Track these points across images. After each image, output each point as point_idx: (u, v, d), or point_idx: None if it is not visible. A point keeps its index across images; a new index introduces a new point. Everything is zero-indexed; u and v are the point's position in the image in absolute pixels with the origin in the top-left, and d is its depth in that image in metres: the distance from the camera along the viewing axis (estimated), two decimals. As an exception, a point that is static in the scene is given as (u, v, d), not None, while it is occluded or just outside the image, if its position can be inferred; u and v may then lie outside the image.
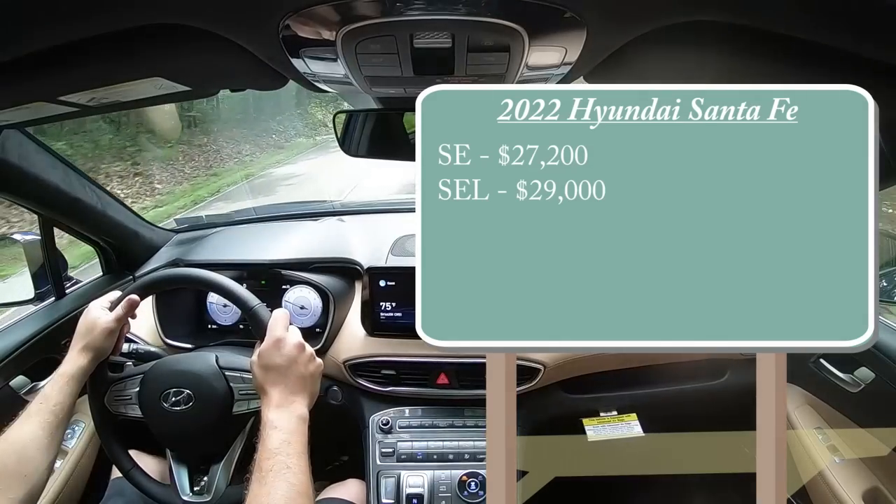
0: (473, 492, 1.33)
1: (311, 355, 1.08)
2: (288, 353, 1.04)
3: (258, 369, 1.04)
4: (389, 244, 1.69)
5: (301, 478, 0.91)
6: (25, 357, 1.41)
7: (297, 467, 0.91)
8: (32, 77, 0.66)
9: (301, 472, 0.91)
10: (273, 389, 1.01)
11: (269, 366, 1.03)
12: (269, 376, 1.02)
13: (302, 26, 0.59)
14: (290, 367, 1.03)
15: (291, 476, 0.89)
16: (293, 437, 0.95)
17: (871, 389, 1.29)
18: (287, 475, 0.89)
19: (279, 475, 0.89)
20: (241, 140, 13.06)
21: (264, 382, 1.02)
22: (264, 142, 13.91)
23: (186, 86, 0.82)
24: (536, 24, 0.60)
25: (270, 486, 0.87)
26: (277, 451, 0.92)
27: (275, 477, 0.88)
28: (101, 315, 1.16)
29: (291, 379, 1.02)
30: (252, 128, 13.79)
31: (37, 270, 1.54)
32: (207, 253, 1.73)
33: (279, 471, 0.89)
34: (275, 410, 0.98)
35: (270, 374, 1.02)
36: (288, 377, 1.02)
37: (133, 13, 0.54)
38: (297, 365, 1.04)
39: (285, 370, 1.02)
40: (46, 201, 1.41)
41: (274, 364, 1.03)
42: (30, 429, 1.00)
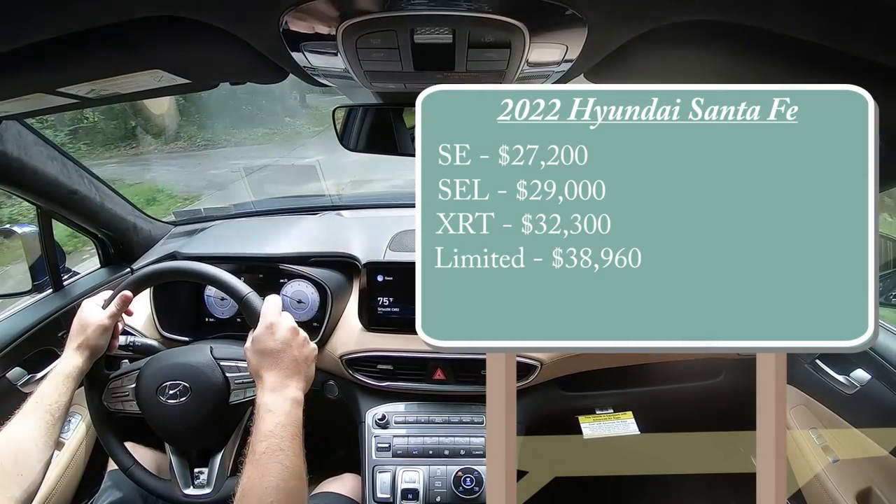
0: (468, 487, 1.33)
1: (304, 339, 1.09)
2: (281, 337, 1.04)
3: (252, 355, 1.04)
4: (387, 239, 1.69)
5: (295, 460, 0.91)
6: (23, 348, 1.41)
7: (291, 450, 0.92)
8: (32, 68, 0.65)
9: (295, 454, 0.92)
10: (267, 374, 1.01)
11: (263, 350, 1.03)
12: (263, 361, 1.02)
13: (303, 20, 0.59)
14: (283, 351, 1.03)
15: (285, 458, 0.90)
16: (287, 419, 0.95)
17: (867, 391, 1.29)
18: (280, 457, 0.90)
19: (273, 457, 0.89)
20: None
21: (259, 367, 1.02)
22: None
23: (186, 78, 0.81)
24: (538, 21, 0.60)
25: (264, 469, 0.88)
26: (271, 433, 0.92)
27: (268, 459, 0.89)
28: (95, 313, 1.16)
29: (285, 363, 1.03)
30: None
31: (34, 262, 1.54)
32: (205, 246, 1.73)
33: (273, 453, 0.90)
34: (269, 394, 0.98)
35: (265, 358, 1.03)
36: (282, 361, 1.02)
37: (134, 5, 0.54)
38: (290, 349, 1.04)
39: (279, 354, 1.03)
40: (45, 193, 1.41)
41: (268, 348, 1.03)
42: (26, 428, 1.00)
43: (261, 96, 12.77)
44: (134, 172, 8.95)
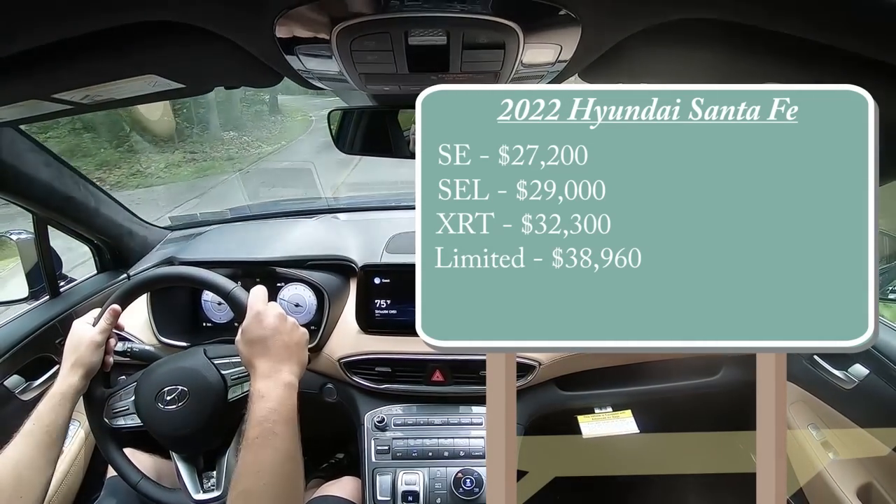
0: (469, 489, 1.33)
1: (293, 324, 1.09)
2: (269, 324, 1.05)
3: (243, 346, 1.05)
4: (384, 241, 1.69)
5: (289, 444, 0.92)
6: (20, 356, 1.40)
7: (285, 434, 0.92)
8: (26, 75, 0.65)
9: (289, 438, 0.92)
10: (259, 361, 1.02)
11: (253, 340, 1.04)
12: (253, 350, 1.03)
13: (296, 23, 0.59)
14: (273, 338, 1.04)
15: (278, 442, 0.90)
16: (279, 404, 0.95)
17: (865, 386, 1.29)
18: (274, 441, 0.90)
19: (266, 442, 0.90)
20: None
21: (250, 357, 1.03)
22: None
23: (180, 83, 0.81)
24: (531, 22, 0.60)
25: (257, 453, 0.88)
26: (264, 419, 0.93)
27: (262, 444, 0.89)
28: (86, 330, 1.17)
29: (276, 349, 1.03)
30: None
31: (31, 269, 1.53)
32: (202, 251, 1.72)
33: (266, 437, 0.90)
34: (262, 381, 0.99)
35: (255, 347, 1.03)
36: (272, 348, 1.03)
37: (127, 10, 0.54)
38: (280, 334, 1.05)
39: (269, 341, 1.03)
40: (40, 200, 1.41)
41: (257, 337, 1.04)
42: (25, 450, 1.01)
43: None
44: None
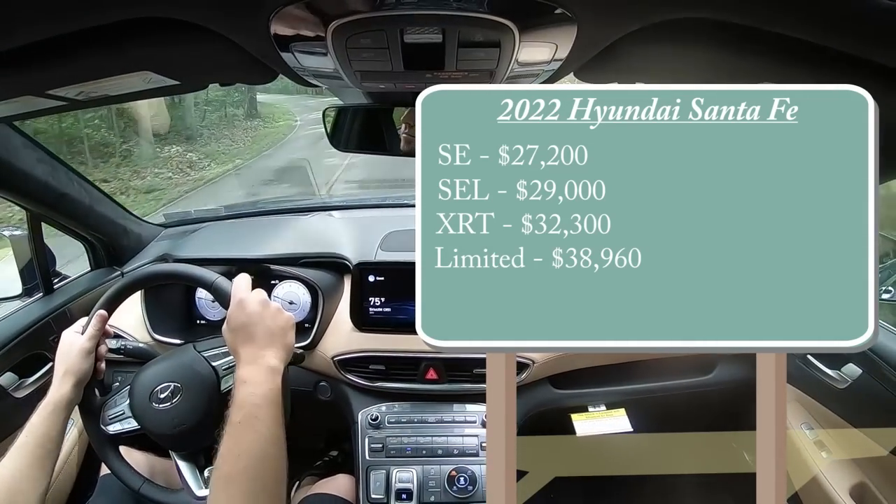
0: (462, 486, 1.33)
1: (277, 308, 1.08)
2: (252, 310, 1.04)
3: (228, 334, 1.04)
4: (378, 239, 1.69)
5: (272, 428, 0.91)
6: (14, 353, 1.40)
7: (268, 417, 0.91)
8: (20, 71, 0.65)
9: (271, 421, 0.91)
10: (243, 348, 1.01)
11: (237, 327, 1.03)
12: (238, 337, 1.03)
13: (292, 20, 0.59)
14: (256, 324, 1.03)
15: (261, 425, 0.90)
16: (262, 388, 0.95)
17: (859, 386, 1.30)
18: (256, 425, 0.89)
19: (248, 426, 0.89)
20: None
21: (235, 344, 1.03)
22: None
23: (175, 80, 0.81)
24: (527, 21, 0.60)
25: (238, 436, 0.88)
26: (246, 402, 0.92)
27: (244, 428, 0.89)
28: (75, 338, 1.16)
29: (259, 334, 1.02)
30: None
31: (24, 266, 1.53)
32: (196, 248, 1.72)
33: (248, 421, 0.89)
34: (246, 366, 0.98)
35: (239, 334, 1.03)
36: (255, 333, 1.02)
37: (122, 6, 0.54)
38: (263, 320, 1.04)
39: (252, 327, 1.03)
40: (34, 196, 1.40)
41: (240, 324, 1.03)
42: (18, 463, 1.00)
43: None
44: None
